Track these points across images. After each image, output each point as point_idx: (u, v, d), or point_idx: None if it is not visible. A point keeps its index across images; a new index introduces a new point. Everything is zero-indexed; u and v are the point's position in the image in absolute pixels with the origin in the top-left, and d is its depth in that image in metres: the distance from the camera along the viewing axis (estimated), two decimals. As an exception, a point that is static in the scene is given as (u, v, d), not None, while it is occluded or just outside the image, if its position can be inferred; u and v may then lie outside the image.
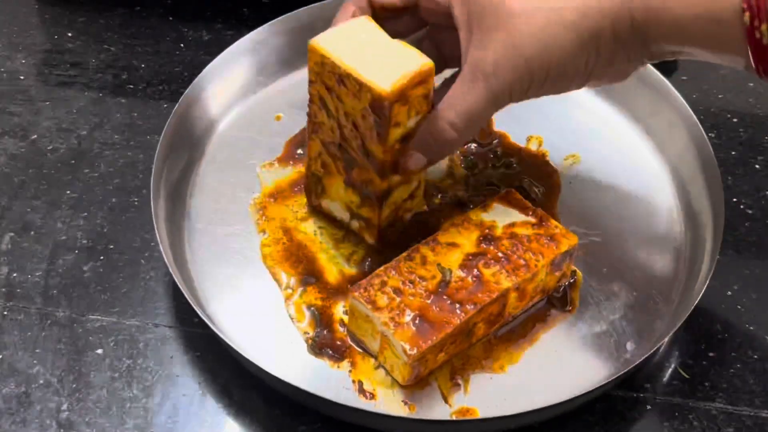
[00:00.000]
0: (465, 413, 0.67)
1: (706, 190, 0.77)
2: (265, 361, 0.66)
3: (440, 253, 0.70)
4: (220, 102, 0.85)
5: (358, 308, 0.68)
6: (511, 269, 0.69)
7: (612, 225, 0.78)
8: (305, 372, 0.69)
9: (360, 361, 0.70)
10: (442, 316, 0.67)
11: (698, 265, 0.74)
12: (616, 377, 0.66)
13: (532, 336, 0.71)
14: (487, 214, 0.73)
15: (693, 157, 0.80)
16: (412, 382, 0.68)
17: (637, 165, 0.83)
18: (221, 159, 0.82)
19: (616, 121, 0.86)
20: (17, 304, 0.74)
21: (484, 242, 0.71)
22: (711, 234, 0.74)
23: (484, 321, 0.69)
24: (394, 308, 0.67)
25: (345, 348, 0.70)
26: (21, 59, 0.93)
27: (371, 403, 0.68)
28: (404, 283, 0.68)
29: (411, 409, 0.68)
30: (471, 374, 0.69)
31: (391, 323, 0.66)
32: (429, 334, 0.66)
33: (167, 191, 0.77)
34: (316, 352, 0.70)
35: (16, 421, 0.68)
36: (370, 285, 0.68)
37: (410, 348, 0.65)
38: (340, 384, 0.69)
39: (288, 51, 0.88)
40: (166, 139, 0.78)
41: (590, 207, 0.80)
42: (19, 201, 0.81)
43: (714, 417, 0.69)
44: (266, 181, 0.80)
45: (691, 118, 0.80)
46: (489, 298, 0.68)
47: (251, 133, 0.84)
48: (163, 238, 0.72)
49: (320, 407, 0.67)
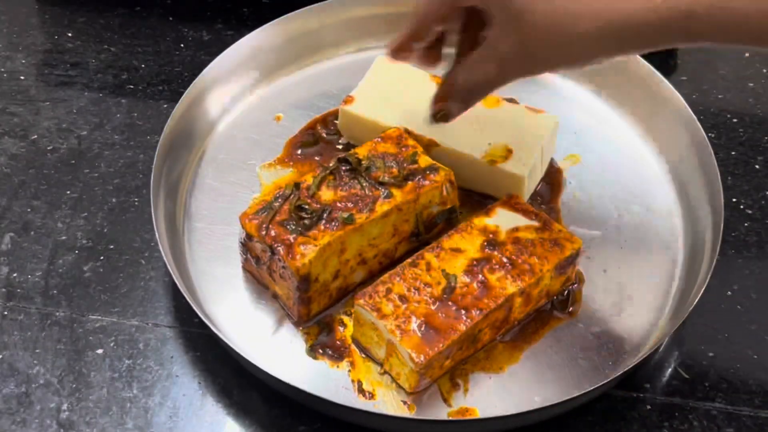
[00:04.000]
0: (464, 413, 0.67)
1: (706, 190, 0.77)
2: (264, 362, 0.66)
3: (445, 259, 0.70)
4: (220, 102, 0.85)
5: (364, 316, 0.68)
6: (516, 274, 0.69)
7: (612, 225, 0.78)
8: (304, 372, 0.69)
9: (359, 362, 0.70)
10: (447, 323, 0.66)
11: (698, 265, 0.74)
12: (616, 377, 0.66)
13: (532, 337, 0.71)
14: (491, 219, 0.72)
15: (693, 157, 0.80)
16: (419, 390, 0.68)
17: (637, 165, 0.83)
18: (221, 159, 0.82)
19: (616, 121, 0.86)
20: (17, 304, 0.74)
21: (488, 247, 0.71)
22: (711, 234, 0.74)
23: (489, 326, 0.69)
24: (400, 315, 0.67)
25: (344, 348, 0.70)
26: (21, 59, 0.93)
27: (370, 402, 0.68)
28: (409, 289, 0.68)
29: (411, 409, 0.67)
30: (470, 374, 0.69)
31: (398, 330, 0.66)
32: (435, 341, 0.66)
33: (167, 191, 0.77)
34: (315, 353, 0.70)
35: (16, 421, 0.68)
36: (375, 292, 0.68)
37: (417, 355, 0.65)
38: (340, 384, 0.69)
39: (288, 51, 0.88)
40: (166, 139, 0.78)
41: (590, 207, 0.80)
42: (19, 201, 0.81)
43: (714, 417, 0.69)
44: (266, 181, 0.80)
45: (691, 118, 0.80)
46: (495, 303, 0.68)
47: (251, 133, 0.84)
48: (163, 238, 0.72)
49: (320, 407, 0.67)
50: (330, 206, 0.70)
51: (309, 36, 0.76)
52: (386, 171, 0.73)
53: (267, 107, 0.86)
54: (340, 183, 0.72)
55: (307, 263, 0.68)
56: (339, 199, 0.71)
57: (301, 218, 0.69)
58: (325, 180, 0.72)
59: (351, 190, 0.72)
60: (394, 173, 0.73)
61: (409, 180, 0.73)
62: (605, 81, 0.86)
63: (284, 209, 0.70)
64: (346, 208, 0.70)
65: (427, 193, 0.73)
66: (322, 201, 0.71)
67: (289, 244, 0.68)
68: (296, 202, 0.70)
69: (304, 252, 0.68)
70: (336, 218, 0.70)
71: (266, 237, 0.69)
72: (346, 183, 0.72)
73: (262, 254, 0.70)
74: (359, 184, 0.72)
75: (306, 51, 0.89)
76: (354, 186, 0.72)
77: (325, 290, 0.71)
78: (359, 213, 0.70)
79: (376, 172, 0.73)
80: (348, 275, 0.72)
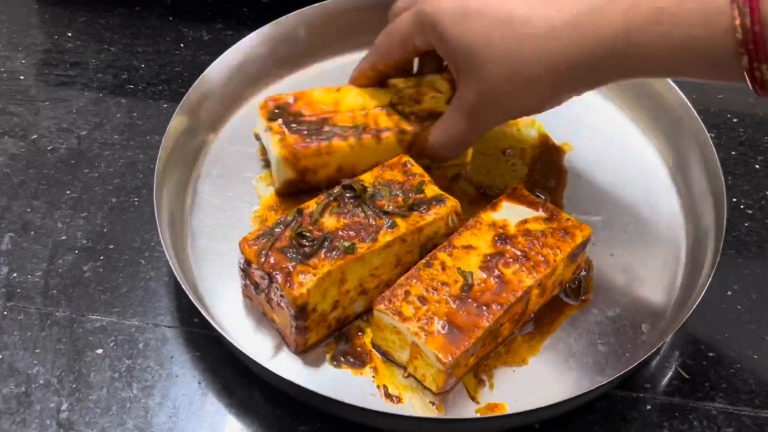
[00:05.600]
0: (493, 409, 0.67)
1: (710, 193, 0.77)
2: (287, 372, 0.65)
3: (458, 257, 0.70)
4: (211, 116, 0.83)
5: (384, 320, 0.68)
6: (531, 266, 0.69)
7: (612, 211, 0.79)
8: (326, 380, 0.69)
9: (381, 367, 0.69)
10: (470, 320, 0.66)
11: (699, 266, 0.74)
12: (616, 377, 0.66)
13: (549, 327, 0.72)
14: (497, 213, 0.73)
15: (696, 160, 0.80)
16: (446, 390, 0.68)
17: (639, 165, 0.83)
18: (215, 174, 0.81)
19: (619, 121, 0.86)
20: (17, 304, 0.74)
21: (499, 242, 0.71)
22: (713, 237, 0.74)
23: (509, 320, 0.69)
24: (422, 317, 0.66)
25: (365, 354, 0.70)
26: (21, 59, 0.93)
27: (399, 406, 0.67)
28: (427, 290, 0.68)
29: (439, 409, 0.67)
30: (494, 369, 0.69)
31: (422, 332, 0.66)
32: (460, 340, 0.65)
33: (170, 190, 0.77)
34: (338, 362, 0.70)
35: (16, 421, 0.68)
36: (393, 296, 0.68)
37: (444, 356, 0.65)
38: (365, 391, 0.68)
39: (274, 58, 0.87)
40: (168, 144, 0.77)
41: (588, 195, 0.80)
42: (19, 201, 0.81)
43: (714, 417, 0.69)
44: (264, 194, 0.80)
45: (695, 120, 0.80)
46: (514, 297, 0.68)
47: (244, 146, 0.83)
48: (166, 237, 0.72)
49: (349, 415, 0.66)
50: (332, 234, 0.69)
51: (295, 43, 0.76)
52: (391, 200, 0.72)
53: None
54: (343, 210, 0.71)
55: (305, 293, 0.66)
56: (341, 227, 0.70)
57: (301, 246, 0.68)
58: (328, 207, 0.71)
59: (354, 219, 0.70)
60: (399, 203, 0.72)
61: (414, 210, 0.71)
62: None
63: (285, 236, 0.69)
64: (348, 236, 0.69)
65: (432, 225, 0.72)
66: (324, 228, 0.69)
67: (287, 272, 0.67)
68: (297, 228, 0.69)
69: (302, 281, 0.66)
70: (337, 247, 0.68)
71: (265, 264, 0.67)
72: (349, 211, 0.71)
73: (261, 281, 0.69)
74: (363, 212, 0.71)
75: (292, 57, 0.88)
76: (357, 214, 0.71)
77: (323, 320, 0.70)
78: (361, 242, 0.69)
79: (381, 200, 0.72)
80: (348, 306, 0.71)
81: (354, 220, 0.70)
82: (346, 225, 0.70)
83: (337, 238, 0.69)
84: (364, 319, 0.72)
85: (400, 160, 0.75)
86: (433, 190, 0.73)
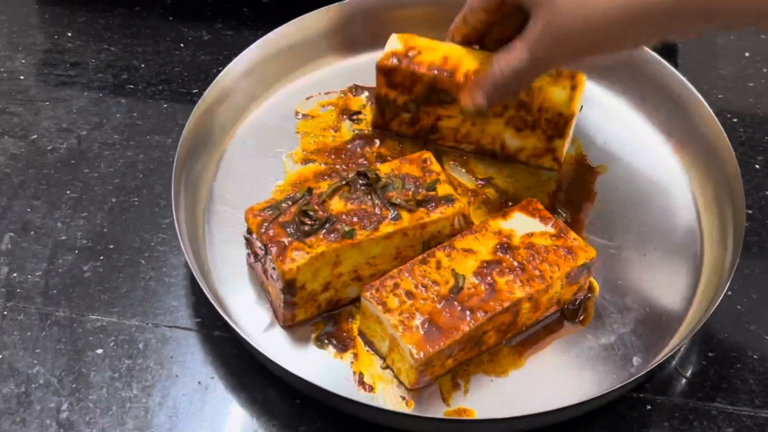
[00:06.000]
0: (462, 413, 0.67)
1: (731, 212, 0.76)
2: (269, 350, 0.66)
3: (455, 259, 0.70)
4: (251, 91, 0.85)
5: (369, 309, 0.68)
6: (526, 279, 0.69)
7: (632, 239, 0.78)
8: (308, 361, 0.69)
9: (363, 354, 0.70)
10: (451, 322, 0.66)
11: (713, 284, 0.73)
12: (617, 386, 0.66)
13: (539, 343, 0.71)
14: (506, 222, 0.72)
15: (720, 180, 0.79)
16: (419, 387, 0.68)
17: (670, 200, 0.81)
18: (250, 144, 0.83)
19: (660, 151, 0.84)
20: (17, 304, 0.74)
21: (500, 250, 0.70)
22: (730, 257, 0.73)
23: (495, 330, 0.69)
24: (405, 311, 0.67)
25: (350, 340, 0.71)
26: (21, 59, 0.93)
27: (369, 395, 0.68)
28: (417, 286, 0.68)
29: (409, 405, 0.68)
30: (473, 376, 0.69)
31: (401, 326, 0.66)
32: (437, 340, 0.66)
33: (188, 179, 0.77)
34: (321, 342, 0.70)
35: (16, 421, 0.68)
36: (382, 286, 0.68)
37: (417, 352, 0.65)
38: (341, 375, 0.69)
39: (327, 43, 0.89)
40: (190, 130, 0.78)
41: (612, 219, 0.79)
42: (19, 201, 0.81)
43: (714, 417, 0.69)
44: (291, 170, 0.81)
45: (723, 139, 0.79)
46: (500, 306, 0.67)
47: (279, 121, 0.85)
48: (182, 225, 0.73)
49: (319, 397, 0.67)
50: (335, 217, 0.70)
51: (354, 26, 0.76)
52: (402, 193, 0.72)
53: (297, 97, 0.87)
54: (353, 196, 0.72)
55: (295, 269, 0.67)
56: (347, 211, 0.71)
57: (303, 223, 0.69)
58: (339, 190, 0.72)
59: (361, 206, 0.71)
60: (409, 196, 0.72)
61: (421, 206, 0.72)
62: (626, 82, 0.87)
63: (290, 211, 0.70)
64: (350, 221, 0.70)
65: (436, 223, 0.72)
66: (329, 210, 0.70)
67: (283, 246, 0.68)
68: (303, 206, 0.70)
69: (294, 257, 0.68)
70: (337, 230, 0.69)
71: (264, 235, 0.69)
72: (358, 197, 0.72)
73: (259, 251, 0.70)
74: (371, 201, 0.71)
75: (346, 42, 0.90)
76: (365, 202, 0.71)
77: (312, 299, 0.70)
78: (362, 229, 0.70)
79: (391, 191, 0.72)
80: (340, 289, 0.71)
81: (360, 207, 0.71)
82: (351, 210, 0.71)
83: (340, 221, 0.70)
84: (357, 306, 0.72)
85: (422, 156, 0.75)
86: (445, 189, 0.73)
